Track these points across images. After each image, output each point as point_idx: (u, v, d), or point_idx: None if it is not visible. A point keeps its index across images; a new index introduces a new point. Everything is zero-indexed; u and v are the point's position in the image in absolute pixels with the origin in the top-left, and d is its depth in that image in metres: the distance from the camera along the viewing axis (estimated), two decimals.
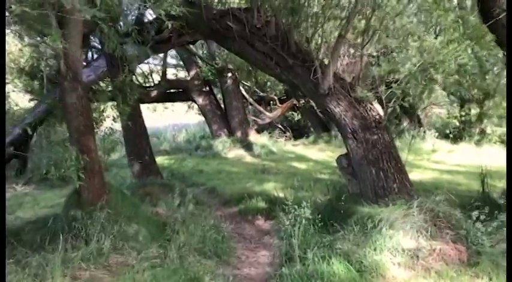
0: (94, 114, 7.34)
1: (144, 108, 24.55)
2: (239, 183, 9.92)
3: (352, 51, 7.20)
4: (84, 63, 9.20)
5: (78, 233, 4.88)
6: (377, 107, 6.14)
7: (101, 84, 9.46)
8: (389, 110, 5.88)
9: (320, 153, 15.10)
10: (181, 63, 19.34)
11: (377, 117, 5.93)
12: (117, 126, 7.62)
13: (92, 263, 4.37)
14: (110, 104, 7.58)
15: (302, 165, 12.55)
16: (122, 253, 4.62)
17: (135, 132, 7.15)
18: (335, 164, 12.94)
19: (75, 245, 4.76)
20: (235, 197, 8.49)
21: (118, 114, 6.79)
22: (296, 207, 5.37)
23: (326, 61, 6.24)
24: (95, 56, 9.87)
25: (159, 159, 15.21)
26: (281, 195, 8.34)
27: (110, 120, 7.26)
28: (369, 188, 5.76)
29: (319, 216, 6.03)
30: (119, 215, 5.09)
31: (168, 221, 5.75)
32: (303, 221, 5.05)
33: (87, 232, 4.85)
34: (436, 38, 6.42)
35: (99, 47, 8.92)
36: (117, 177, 8.14)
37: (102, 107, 7.79)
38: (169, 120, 26.76)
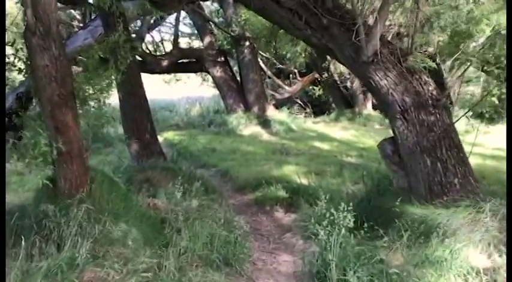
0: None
1: (157, 79, 23.64)
2: (255, 166, 8.77)
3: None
4: (81, 25, 8.01)
5: (49, 234, 3.78)
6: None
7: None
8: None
9: (343, 132, 13.84)
10: (195, 32, 18.10)
11: (434, 93, 4.67)
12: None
13: (59, 280, 3.26)
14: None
15: (325, 146, 11.33)
16: (102, 264, 3.49)
17: (134, 106, 6.00)
18: (361, 145, 11.82)
19: (44, 251, 3.67)
20: (250, 183, 7.36)
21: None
22: (333, 212, 4.14)
23: (371, 20, 4.97)
24: (93, 16, 8.68)
25: (170, 134, 14.14)
26: (304, 181, 7.20)
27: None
28: (421, 182, 4.54)
29: (354, 213, 4.92)
30: (103, 211, 3.97)
31: (168, 218, 4.62)
32: (342, 230, 3.83)
33: (60, 234, 3.74)
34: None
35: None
36: (114, 158, 7.05)
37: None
38: (184, 92, 25.66)
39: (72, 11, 10.15)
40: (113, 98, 6.68)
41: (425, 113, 4.52)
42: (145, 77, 22.62)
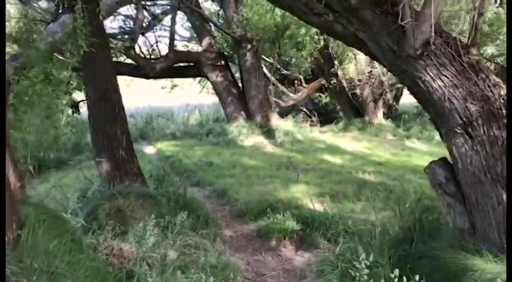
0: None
1: (157, 85, 22.37)
2: (258, 184, 7.47)
3: None
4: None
5: None
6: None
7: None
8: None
9: (355, 144, 12.54)
10: (194, 35, 16.90)
11: (504, 98, 3.37)
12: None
13: None
14: None
15: (336, 160, 10.02)
16: None
17: (106, 114, 4.70)
18: (377, 159, 10.52)
19: None
20: (252, 208, 6.05)
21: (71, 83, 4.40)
22: (364, 260, 2.86)
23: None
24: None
25: (163, 145, 12.85)
26: (318, 207, 5.91)
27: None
28: (493, 224, 3.23)
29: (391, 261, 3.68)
30: (32, 271, 2.66)
31: (137, 271, 3.31)
32: None
33: None
34: None
35: None
36: (80, 178, 5.76)
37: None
38: (184, 99, 24.48)
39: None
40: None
41: (498, 127, 3.21)
42: (144, 83, 21.67)
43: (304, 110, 18.22)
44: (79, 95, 20.12)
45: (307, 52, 14.59)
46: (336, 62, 15.80)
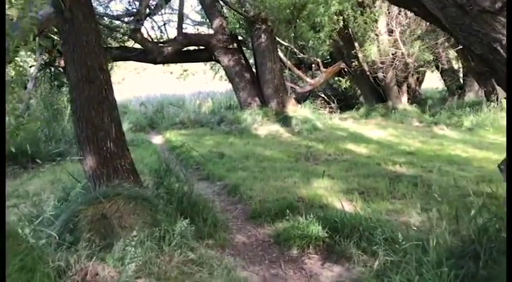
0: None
1: (169, 73, 21.50)
2: (275, 179, 6.58)
3: None
4: None
5: None
6: None
7: None
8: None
9: (379, 131, 11.57)
10: (206, 20, 15.94)
11: None
12: None
13: None
14: None
15: (361, 149, 9.08)
16: None
17: (91, 99, 3.83)
18: (406, 148, 9.51)
19: None
20: (269, 207, 5.15)
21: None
22: None
23: None
24: None
25: (172, 134, 12.01)
26: (346, 206, 4.99)
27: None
28: None
29: None
30: None
31: None
32: None
33: None
34: None
35: None
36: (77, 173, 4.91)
37: None
38: (197, 87, 23.67)
39: None
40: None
41: None
42: (157, 71, 20.83)
43: (322, 95, 17.26)
44: None
45: (325, 33, 13.63)
46: (356, 44, 14.75)
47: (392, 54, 13.84)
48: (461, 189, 5.59)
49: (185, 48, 13.72)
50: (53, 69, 15.96)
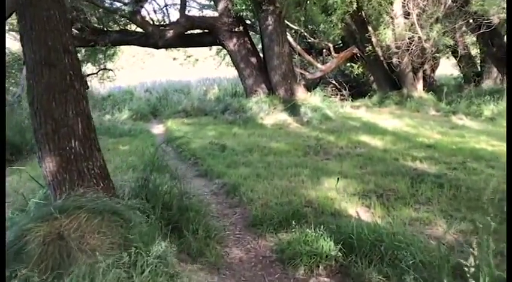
0: None
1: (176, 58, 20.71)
2: (280, 177, 5.84)
3: None
4: None
5: None
6: None
7: None
8: None
9: (394, 121, 10.76)
10: (212, 3, 15.08)
11: None
12: None
13: None
14: None
15: (376, 141, 8.29)
16: None
17: (52, 87, 3.11)
18: (425, 140, 8.59)
19: None
20: (272, 213, 4.41)
21: None
22: None
23: None
24: None
25: (174, 123, 11.28)
26: (363, 214, 4.27)
27: None
28: None
29: None
30: None
31: None
32: None
33: None
34: None
35: None
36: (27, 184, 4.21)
37: None
38: (205, 73, 22.94)
39: None
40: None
41: None
42: (163, 55, 20.06)
43: (333, 82, 16.38)
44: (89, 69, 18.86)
45: (337, 16, 12.81)
46: (370, 28, 13.87)
47: (408, 39, 12.92)
48: (495, 191, 4.81)
49: (188, 32, 12.94)
50: None
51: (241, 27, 12.32)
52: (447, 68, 19.21)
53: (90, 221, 2.85)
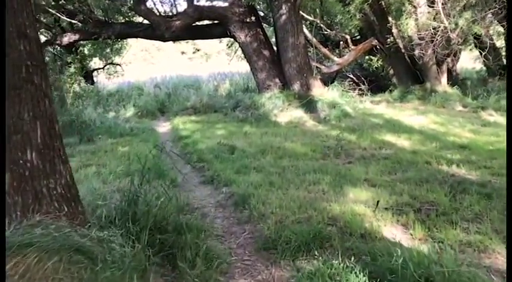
0: None
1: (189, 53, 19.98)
2: (296, 185, 5.05)
3: None
4: None
5: None
6: None
7: None
8: None
9: (419, 118, 9.90)
10: None
11: None
12: None
13: None
14: None
15: (402, 141, 7.45)
16: None
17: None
18: (457, 140, 7.65)
19: None
20: (288, 235, 3.61)
21: None
22: None
23: None
24: None
25: (181, 121, 10.54)
26: (401, 236, 3.48)
27: None
28: None
29: None
30: None
31: None
32: None
33: None
34: None
35: None
36: None
37: None
38: (218, 67, 22.21)
39: None
40: None
41: None
42: (171, 50, 19.36)
43: (351, 76, 15.49)
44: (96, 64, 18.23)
45: (355, 6, 12.00)
46: (390, 18, 12.96)
47: (433, 29, 11.98)
48: None
49: (197, 24, 12.17)
50: (57, 48, 14.70)
51: (253, 18, 11.52)
52: (466, 61, 18.30)
53: (43, 264, 2.09)
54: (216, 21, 12.15)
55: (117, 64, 18.20)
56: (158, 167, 5.86)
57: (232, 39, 14.25)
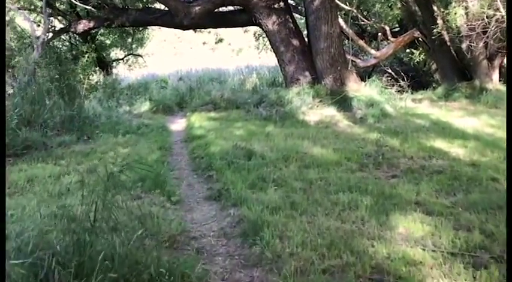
0: None
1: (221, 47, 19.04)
2: (326, 209, 3.86)
3: None
4: None
5: None
6: None
7: None
8: None
9: (470, 120, 8.53)
10: None
11: None
12: None
13: None
14: None
15: (456, 149, 6.13)
16: None
17: None
18: None
19: None
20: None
21: None
22: None
23: None
24: None
25: (198, 118, 9.45)
26: None
27: None
28: None
29: None
30: None
31: None
32: None
33: None
34: None
35: None
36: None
37: None
38: (249, 60, 21.28)
39: None
40: None
41: None
42: (198, 41, 18.39)
43: (389, 71, 14.11)
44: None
45: None
46: (435, 7, 11.58)
47: (487, 18, 10.52)
48: None
49: (219, 10, 11.10)
50: (72, 37, 13.91)
51: (281, 3, 10.34)
52: None
53: None
54: (240, 7, 11.03)
55: (139, 55, 17.32)
56: (157, 175, 4.81)
57: (259, 29, 13.10)
